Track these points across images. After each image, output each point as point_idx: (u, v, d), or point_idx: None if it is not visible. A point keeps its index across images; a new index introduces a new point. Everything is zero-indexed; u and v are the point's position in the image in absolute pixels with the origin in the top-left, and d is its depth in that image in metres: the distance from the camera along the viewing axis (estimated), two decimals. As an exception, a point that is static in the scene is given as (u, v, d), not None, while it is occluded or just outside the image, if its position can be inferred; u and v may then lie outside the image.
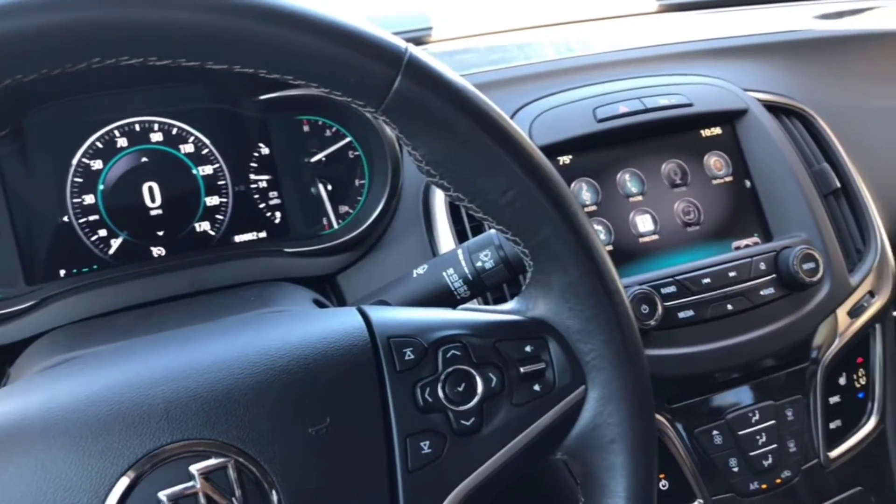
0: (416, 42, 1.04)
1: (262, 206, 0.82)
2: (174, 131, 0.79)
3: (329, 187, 0.83)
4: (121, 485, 0.43)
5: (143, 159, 0.78)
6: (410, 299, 0.67)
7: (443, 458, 0.48)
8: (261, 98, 0.80)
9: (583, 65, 0.97)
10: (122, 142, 0.77)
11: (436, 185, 0.48)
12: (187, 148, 0.79)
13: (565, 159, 0.85)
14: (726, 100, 0.92)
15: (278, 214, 0.82)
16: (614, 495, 0.51)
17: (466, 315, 0.53)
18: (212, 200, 0.80)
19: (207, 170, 0.80)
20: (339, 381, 0.48)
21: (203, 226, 0.80)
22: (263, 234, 0.82)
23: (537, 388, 0.51)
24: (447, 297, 0.67)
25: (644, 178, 0.87)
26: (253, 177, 0.81)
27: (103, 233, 0.77)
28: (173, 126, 0.79)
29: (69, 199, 0.76)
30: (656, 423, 0.58)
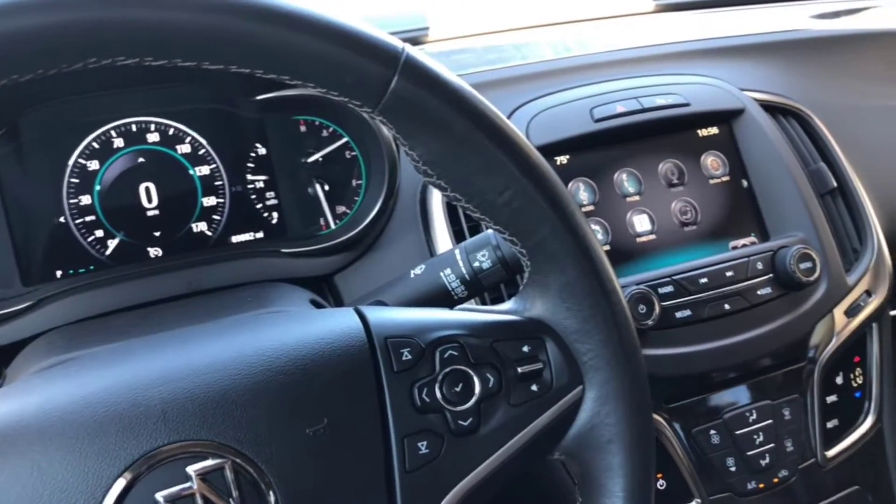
0: (412, 42, 1.04)
1: (258, 206, 0.82)
2: (171, 132, 0.79)
3: (326, 187, 0.83)
4: (117, 486, 0.43)
5: (140, 160, 0.78)
6: (408, 300, 0.67)
7: (440, 458, 0.48)
8: (257, 98, 0.80)
9: (580, 65, 0.97)
10: (119, 142, 0.77)
11: (433, 185, 0.47)
12: (184, 148, 0.79)
13: (562, 159, 0.85)
14: (723, 99, 0.92)
15: (275, 215, 0.82)
16: (612, 495, 0.51)
17: (464, 315, 0.53)
18: (209, 201, 0.80)
19: (204, 170, 0.80)
20: (337, 382, 0.48)
21: (200, 226, 0.80)
22: (260, 235, 0.82)
23: (535, 388, 0.51)
24: (444, 297, 0.66)
25: (641, 177, 0.87)
26: (250, 177, 0.81)
27: (100, 233, 0.77)
28: (170, 126, 0.79)
29: (65, 200, 0.76)
30: (654, 422, 0.58)
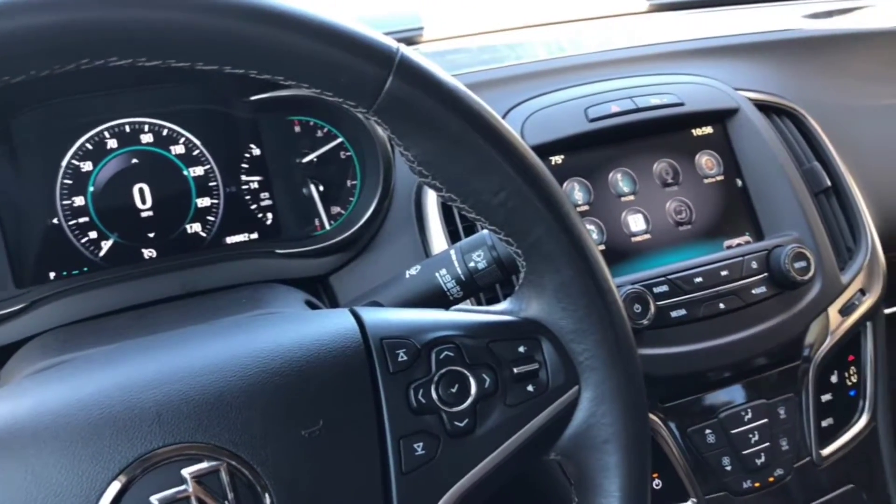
0: (407, 42, 1.04)
1: (253, 207, 0.81)
2: (165, 132, 0.79)
3: (321, 188, 0.83)
4: (112, 489, 0.42)
5: (134, 161, 0.77)
6: (403, 300, 0.67)
7: (436, 459, 0.48)
8: (252, 99, 0.80)
9: (574, 64, 0.97)
10: (112, 143, 0.77)
11: (428, 185, 0.47)
12: (178, 149, 0.79)
13: (557, 159, 0.85)
14: (717, 99, 0.92)
15: (270, 215, 0.82)
16: (608, 495, 0.51)
17: (459, 316, 0.53)
18: (203, 202, 0.80)
19: (198, 171, 0.79)
20: (332, 383, 0.48)
21: (194, 227, 0.79)
22: (255, 236, 0.81)
23: (531, 388, 0.51)
24: (440, 297, 0.66)
25: (636, 177, 0.87)
26: (244, 178, 0.81)
27: (93, 235, 0.76)
28: (164, 127, 0.78)
29: (59, 201, 0.75)
30: (649, 422, 0.58)
